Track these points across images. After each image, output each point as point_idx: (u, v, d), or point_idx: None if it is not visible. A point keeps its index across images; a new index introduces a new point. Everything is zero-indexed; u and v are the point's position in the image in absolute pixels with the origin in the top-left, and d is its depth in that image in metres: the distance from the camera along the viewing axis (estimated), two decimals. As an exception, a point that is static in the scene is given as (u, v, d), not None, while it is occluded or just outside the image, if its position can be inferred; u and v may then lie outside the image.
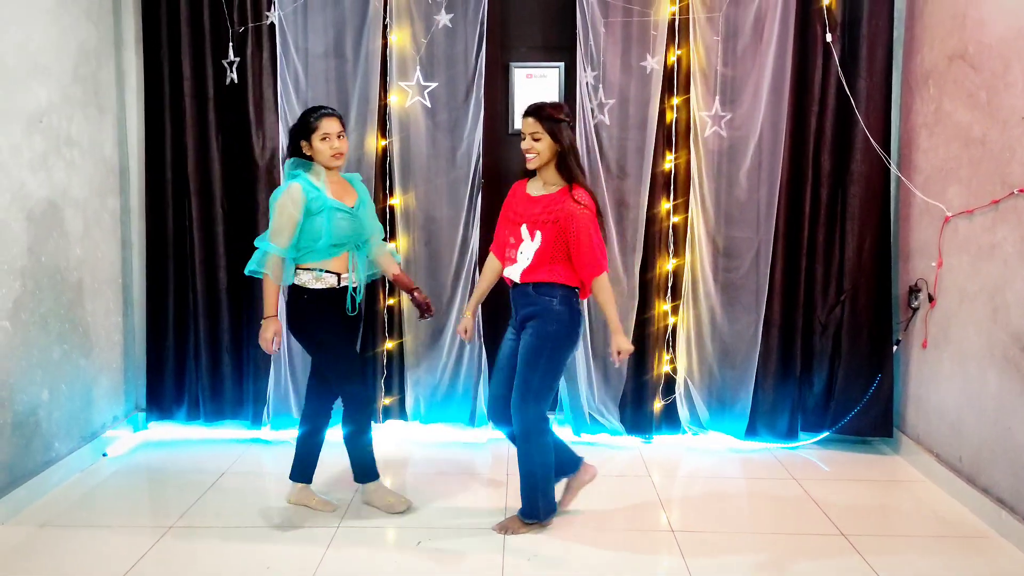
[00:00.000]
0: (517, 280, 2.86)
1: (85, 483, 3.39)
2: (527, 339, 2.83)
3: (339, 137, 2.93)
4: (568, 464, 3.03)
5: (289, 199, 2.86)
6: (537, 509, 2.90)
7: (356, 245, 3.01)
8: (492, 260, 3.05)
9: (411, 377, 3.93)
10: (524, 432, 2.84)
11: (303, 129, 2.93)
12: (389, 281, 3.42)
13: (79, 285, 3.48)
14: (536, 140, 2.79)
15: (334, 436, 3.18)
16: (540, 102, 2.85)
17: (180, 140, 3.78)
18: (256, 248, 2.94)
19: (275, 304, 2.96)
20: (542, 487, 2.88)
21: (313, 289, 2.94)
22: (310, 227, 2.89)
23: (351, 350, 3.12)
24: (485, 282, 3.09)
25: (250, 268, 2.95)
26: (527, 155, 2.82)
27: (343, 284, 2.98)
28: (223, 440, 3.91)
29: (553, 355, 2.82)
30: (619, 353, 2.87)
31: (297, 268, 2.96)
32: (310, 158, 2.93)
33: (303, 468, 3.14)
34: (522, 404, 2.82)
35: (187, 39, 3.72)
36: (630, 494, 3.30)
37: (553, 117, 2.78)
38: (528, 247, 2.82)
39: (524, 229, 2.83)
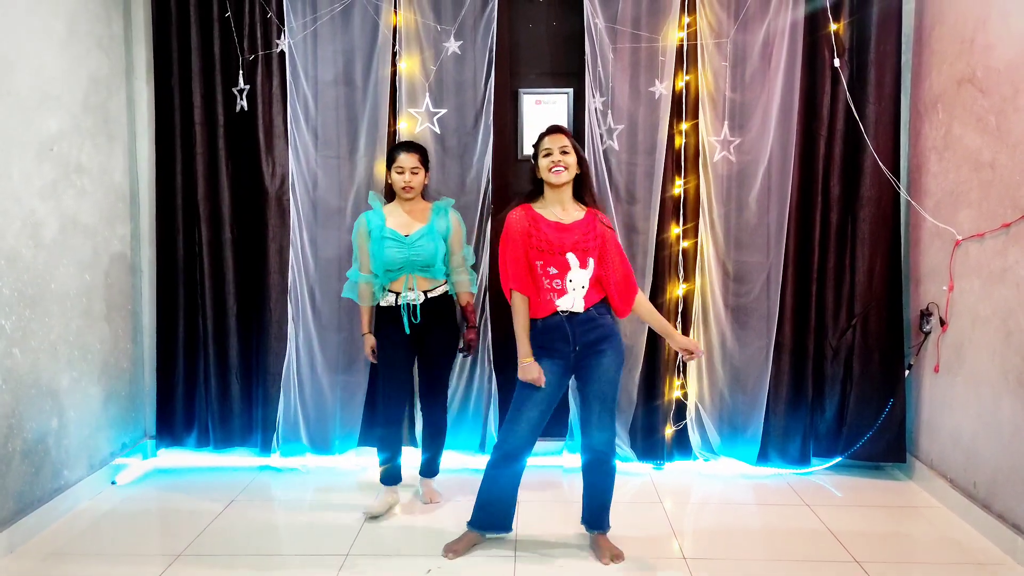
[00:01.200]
0: (580, 309, 2.83)
1: (94, 511, 3.37)
2: (607, 362, 2.85)
3: (412, 172, 3.26)
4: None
5: (357, 230, 3.34)
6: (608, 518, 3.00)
7: (417, 270, 3.25)
8: (522, 298, 2.88)
9: (420, 404, 3.90)
10: (613, 453, 2.92)
11: (388, 159, 3.35)
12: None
13: (88, 312, 3.49)
14: (565, 154, 2.84)
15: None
16: (558, 123, 2.98)
17: (190, 167, 3.80)
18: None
19: (366, 323, 3.44)
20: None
21: (380, 306, 3.33)
22: (372, 252, 3.26)
23: (393, 367, 3.33)
24: (521, 320, 2.89)
25: (344, 295, 3.46)
26: (554, 169, 2.83)
27: (399, 303, 3.24)
28: (233, 468, 3.90)
29: (621, 373, 2.94)
30: (690, 352, 2.94)
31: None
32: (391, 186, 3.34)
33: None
34: (613, 429, 2.89)
35: (198, 67, 3.75)
36: (642, 521, 3.27)
37: (575, 137, 2.87)
38: (580, 274, 2.83)
39: (572, 257, 2.82)
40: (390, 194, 3.55)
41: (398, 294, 3.26)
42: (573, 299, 2.83)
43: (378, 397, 3.47)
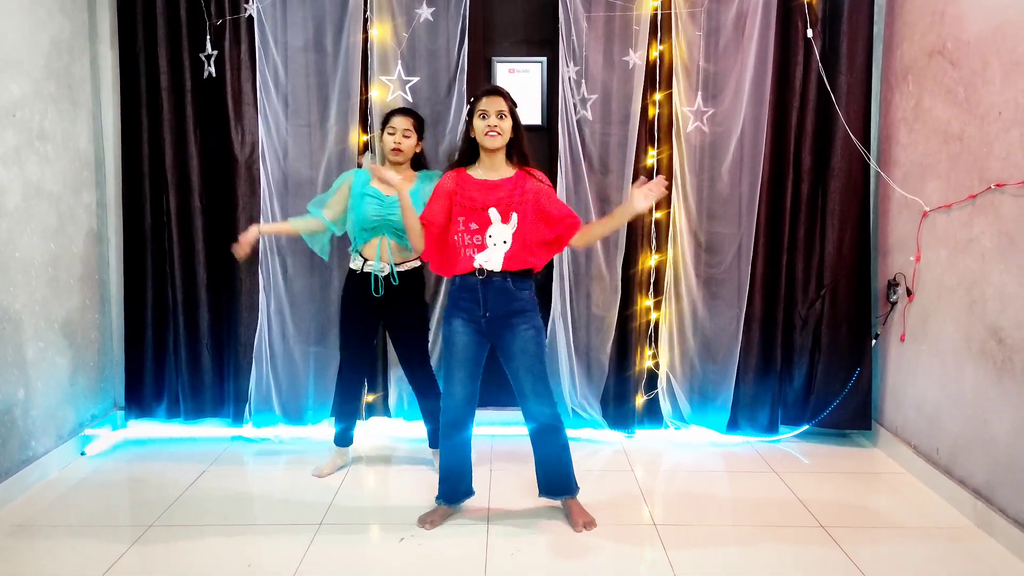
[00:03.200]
0: (498, 268, 2.81)
1: (64, 482, 3.35)
2: (528, 335, 2.84)
3: (404, 135, 3.24)
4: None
5: (344, 179, 3.32)
6: (574, 482, 3.03)
7: (392, 232, 3.22)
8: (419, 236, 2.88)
9: (393, 374, 3.91)
10: (560, 423, 2.94)
11: (382, 122, 3.32)
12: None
13: (54, 281, 3.43)
14: (502, 118, 2.81)
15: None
16: (498, 85, 2.91)
17: (157, 134, 3.73)
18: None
19: (272, 228, 3.53)
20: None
21: (348, 268, 3.33)
22: (350, 208, 3.26)
23: (355, 334, 3.35)
24: (410, 222, 2.87)
25: (292, 218, 3.47)
26: (489, 133, 2.80)
27: (367, 269, 3.23)
28: (204, 439, 3.88)
29: (544, 346, 2.92)
30: (648, 185, 2.74)
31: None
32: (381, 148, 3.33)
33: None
34: (551, 399, 2.90)
35: (163, 32, 3.67)
36: (612, 488, 3.31)
37: (513, 100, 2.87)
38: (502, 230, 2.80)
39: (494, 212, 2.80)
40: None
41: (367, 260, 3.25)
42: (491, 255, 2.80)
43: (344, 361, 3.44)
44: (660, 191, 2.74)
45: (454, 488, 3.01)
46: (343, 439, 3.51)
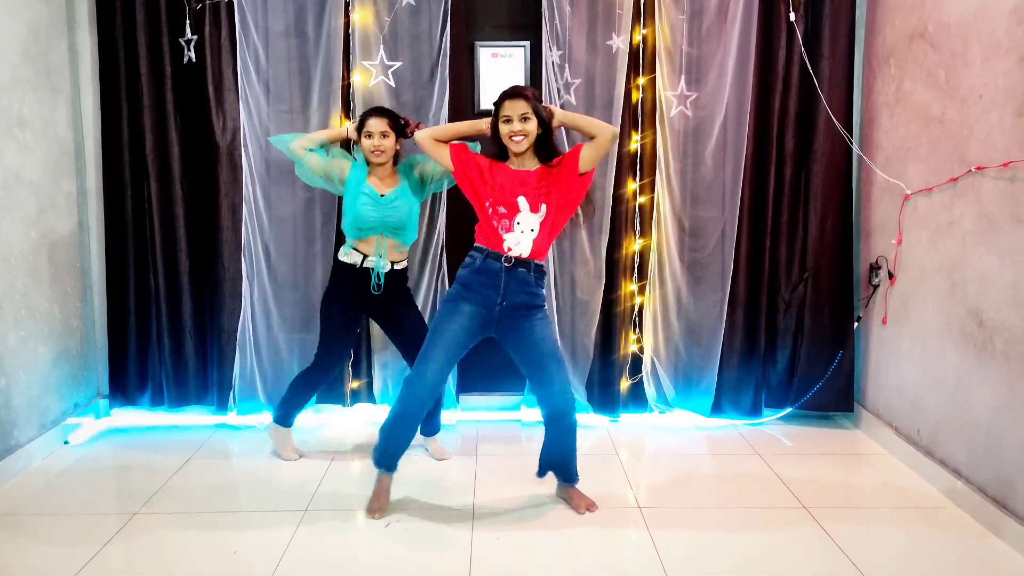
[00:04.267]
0: (526, 254, 2.81)
1: (47, 471, 3.33)
2: (545, 323, 2.87)
3: (382, 135, 3.18)
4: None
5: (340, 161, 3.28)
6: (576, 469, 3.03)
7: (389, 231, 3.22)
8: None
9: (378, 360, 3.91)
10: (574, 413, 2.91)
11: (359, 124, 3.24)
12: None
13: (35, 270, 3.41)
14: (526, 120, 2.78)
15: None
16: (519, 84, 2.89)
17: (137, 120, 3.69)
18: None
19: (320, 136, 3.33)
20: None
21: (339, 260, 3.27)
22: (345, 204, 3.23)
23: (339, 329, 3.33)
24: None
25: (273, 138, 3.41)
26: (514, 138, 2.78)
27: (365, 265, 3.22)
28: (188, 426, 3.87)
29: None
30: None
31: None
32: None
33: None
34: (568, 379, 2.90)
35: (142, 17, 3.62)
36: (597, 472, 3.32)
37: (537, 97, 2.84)
38: (531, 219, 2.80)
39: (523, 201, 2.80)
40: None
41: (365, 256, 3.23)
42: (519, 239, 2.80)
43: (324, 351, 3.37)
44: None
45: (392, 456, 2.95)
46: (290, 419, 3.49)
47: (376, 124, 3.19)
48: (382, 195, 3.20)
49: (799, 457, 3.54)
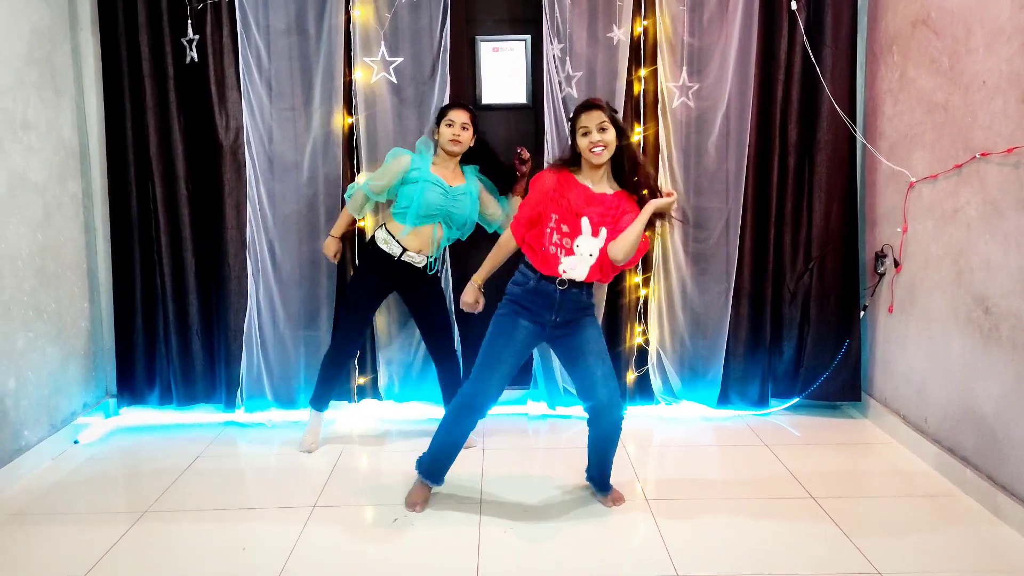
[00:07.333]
0: (582, 279, 2.77)
1: (57, 471, 3.36)
2: (594, 325, 2.89)
3: (463, 127, 3.31)
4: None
5: (397, 158, 3.36)
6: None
7: (450, 221, 3.35)
8: (508, 237, 2.88)
9: (383, 356, 3.92)
10: (618, 411, 2.86)
11: (439, 114, 3.38)
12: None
13: (42, 272, 3.43)
14: (604, 131, 2.71)
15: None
16: (592, 97, 2.88)
17: (141, 121, 3.71)
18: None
19: (341, 227, 3.54)
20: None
21: (379, 247, 3.36)
22: (406, 193, 3.31)
23: (357, 310, 3.43)
24: (497, 257, 2.91)
25: (347, 194, 3.50)
26: (594, 149, 2.71)
27: (402, 259, 3.34)
28: (197, 424, 3.89)
29: None
30: (669, 199, 2.77)
31: (384, 227, 3.38)
32: (437, 141, 3.39)
33: None
34: (615, 386, 2.86)
35: (144, 17, 3.63)
36: (605, 465, 3.32)
37: (613, 108, 2.78)
38: (591, 243, 2.75)
39: (586, 223, 2.74)
40: None
41: (405, 250, 3.33)
42: (576, 264, 2.75)
43: (339, 336, 3.51)
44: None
45: (441, 469, 2.99)
46: (323, 403, 3.60)
47: (459, 115, 3.32)
48: (451, 186, 3.32)
49: (807, 447, 3.53)
